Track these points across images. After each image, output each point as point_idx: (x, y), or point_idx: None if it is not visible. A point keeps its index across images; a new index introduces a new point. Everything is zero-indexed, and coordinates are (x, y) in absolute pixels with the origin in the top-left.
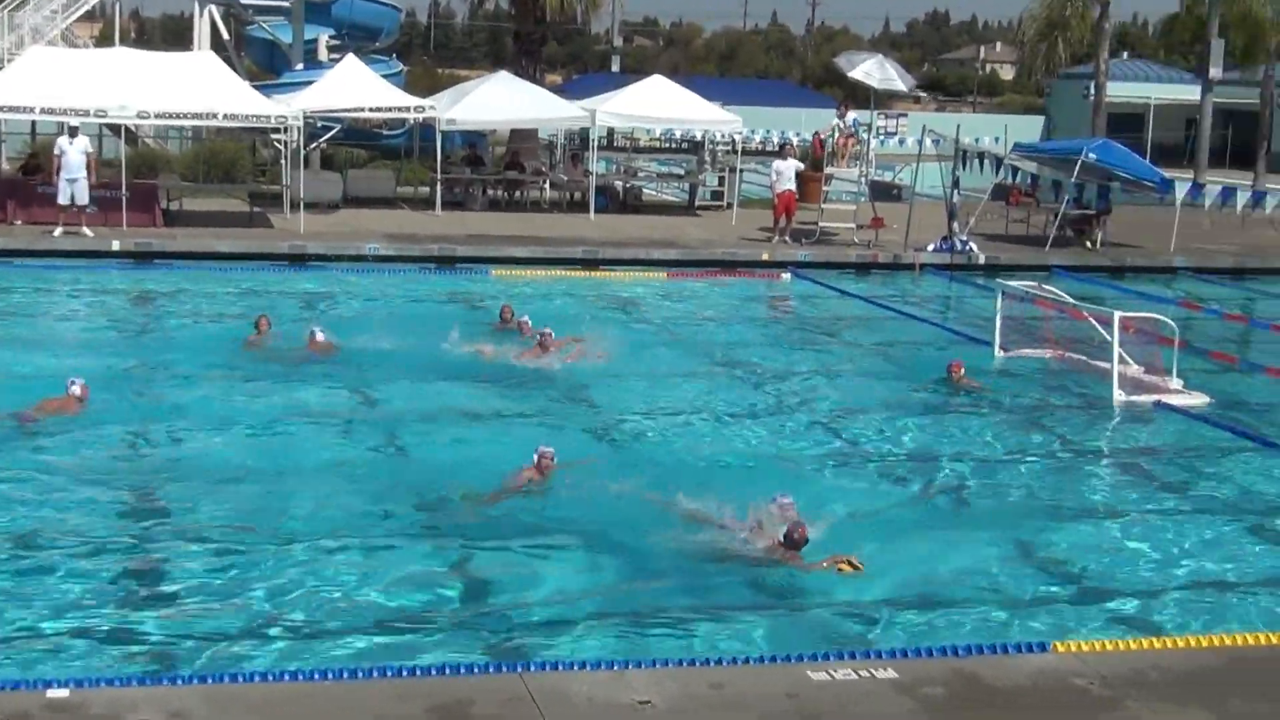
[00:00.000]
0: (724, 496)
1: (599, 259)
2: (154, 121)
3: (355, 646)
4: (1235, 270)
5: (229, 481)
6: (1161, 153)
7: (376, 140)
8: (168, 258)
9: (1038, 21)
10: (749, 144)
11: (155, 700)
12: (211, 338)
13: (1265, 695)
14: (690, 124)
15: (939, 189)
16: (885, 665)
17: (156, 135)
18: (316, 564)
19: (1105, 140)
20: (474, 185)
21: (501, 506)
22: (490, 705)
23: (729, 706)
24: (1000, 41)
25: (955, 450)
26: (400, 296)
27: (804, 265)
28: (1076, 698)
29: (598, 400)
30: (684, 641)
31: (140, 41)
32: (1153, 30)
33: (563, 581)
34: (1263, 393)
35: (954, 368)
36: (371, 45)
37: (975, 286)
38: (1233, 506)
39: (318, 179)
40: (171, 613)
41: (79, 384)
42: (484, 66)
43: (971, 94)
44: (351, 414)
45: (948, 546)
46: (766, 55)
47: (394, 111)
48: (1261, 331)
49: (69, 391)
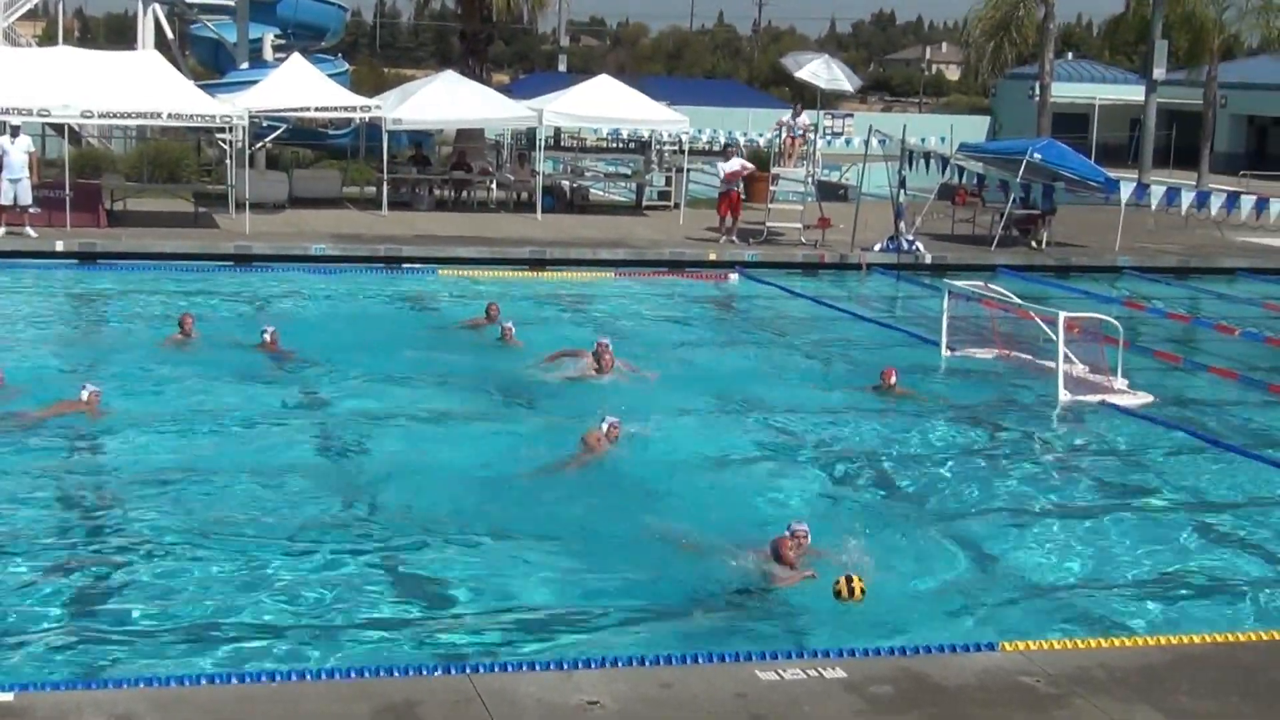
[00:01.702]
0: (668, 498)
1: (546, 259)
2: (98, 121)
3: (302, 648)
4: (1179, 270)
5: (173, 483)
6: (1106, 153)
7: (322, 140)
8: (112, 258)
9: (984, 22)
10: (696, 144)
11: (100, 704)
12: (148, 339)
13: (1211, 693)
14: (637, 124)
15: (885, 189)
16: (834, 665)
17: (100, 135)
18: (263, 566)
19: (1050, 140)
20: (420, 185)
21: (447, 507)
22: (438, 706)
23: (678, 706)
24: (946, 42)
25: (902, 450)
26: (348, 297)
27: (751, 265)
28: (1023, 696)
29: (538, 402)
30: (633, 641)
31: (84, 40)
32: (1097, 31)
33: (511, 582)
34: (1206, 391)
35: (886, 375)
36: (317, 44)
37: (922, 286)
38: (1178, 505)
39: (263, 179)
40: (116, 616)
41: (90, 389)
42: (430, 66)
43: (917, 94)
44: (296, 415)
45: (895, 547)
46: (713, 55)
47: (340, 111)
48: (1205, 331)
49: (82, 396)
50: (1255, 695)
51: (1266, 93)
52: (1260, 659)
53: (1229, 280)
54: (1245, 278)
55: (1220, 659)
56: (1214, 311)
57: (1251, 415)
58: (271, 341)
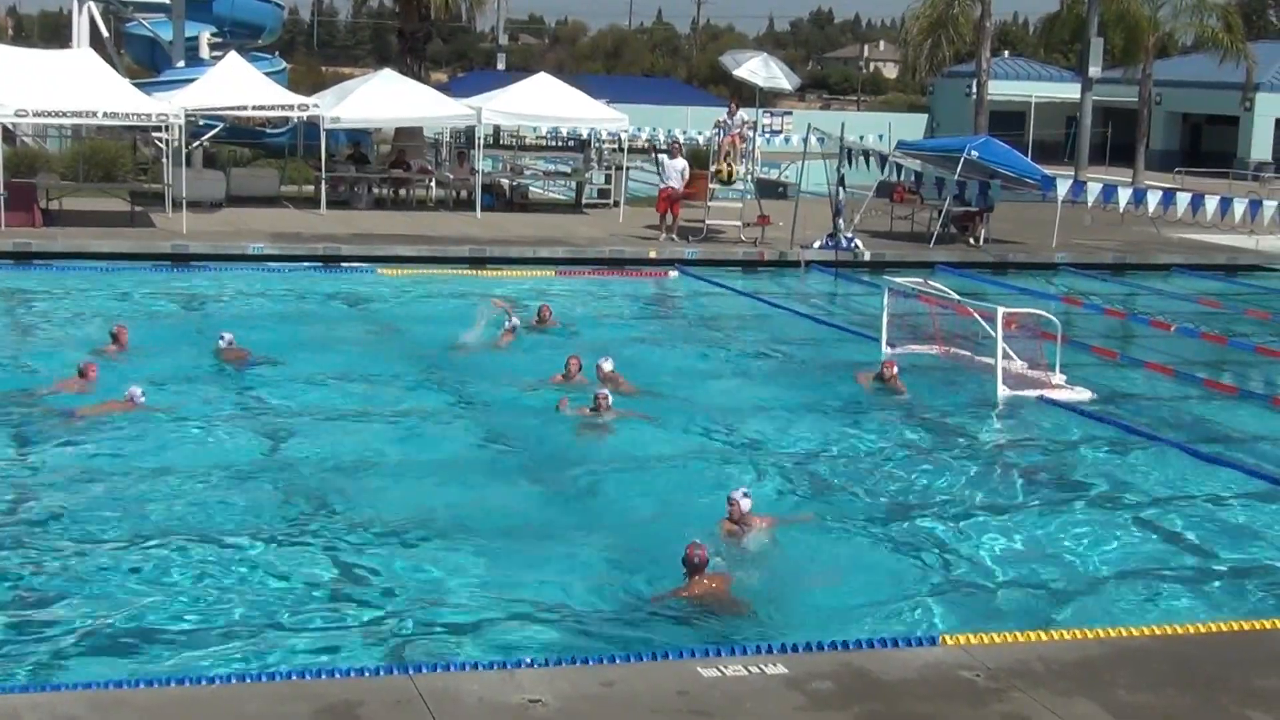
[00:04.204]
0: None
1: (486, 257)
2: (32, 120)
3: (243, 649)
4: (1116, 266)
5: (114, 484)
6: (1043, 150)
7: (260, 138)
8: (47, 258)
9: (921, 20)
10: (635, 142)
11: (40, 707)
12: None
13: (1149, 685)
14: (577, 122)
15: (824, 186)
16: (775, 661)
17: (35, 134)
18: (203, 567)
19: (988, 138)
20: (359, 184)
21: (390, 505)
22: (380, 706)
23: (620, 704)
24: (884, 40)
25: (841, 446)
26: (287, 296)
27: (691, 263)
28: (964, 690)
29: (478, 396)
30: (574, 640)
31: (18, 38)
32: (1033, 29)
33: (451, 581)
34: (1143, 386)
35: (886, 366)
36: (254, 42)
37: (861, 283)
38: (1115, 499)
39: (200, 178)
40: (54, 619)
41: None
42: (368, 64)
43: (856, 92)
44: (238, 416)
45: (835, 542)
46: (652, 53)
47: (277, 110)
48: (1141, 326)
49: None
50: (1193, 688)
51: (1201, 90)
52: (1198, 651)
53: (1165, 276)
54: (1180, 274)
55: (1158, 651)
56: (1150, 307)
57: (1187, 410)
58: (228, 347)
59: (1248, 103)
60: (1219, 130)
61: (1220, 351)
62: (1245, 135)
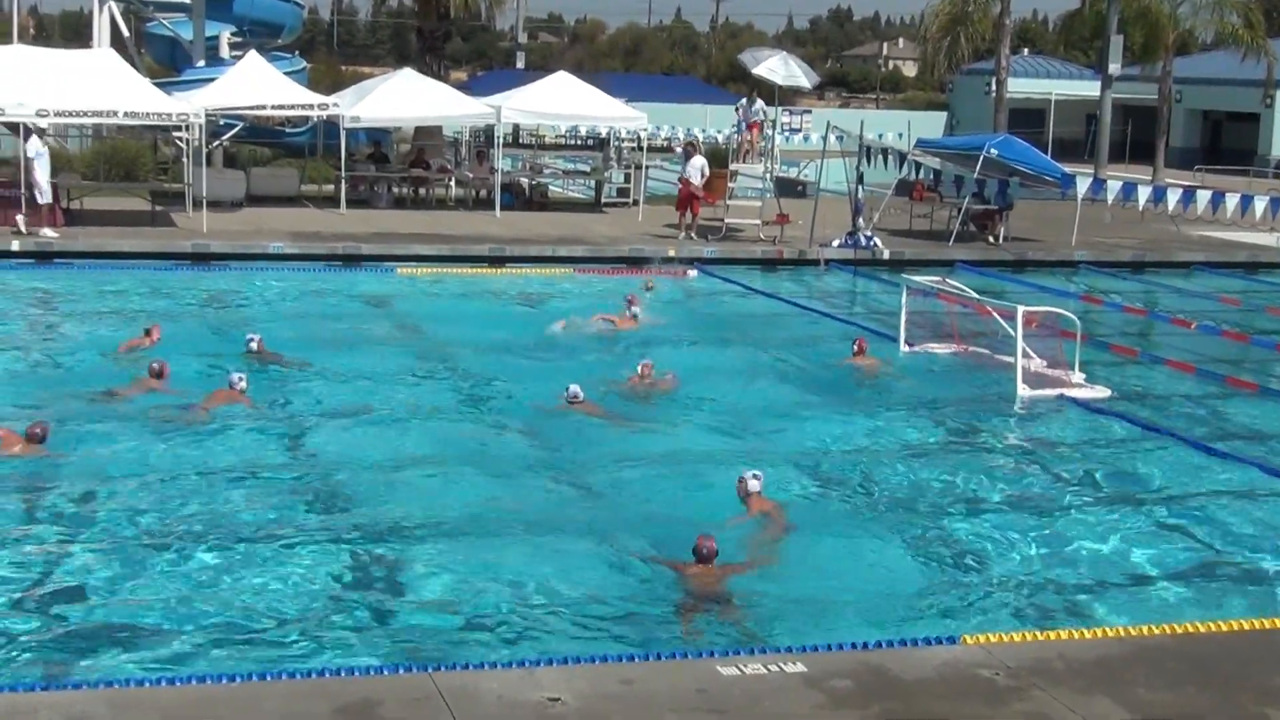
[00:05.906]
0: (627, 493)
1: (505, 256)
2: (54, 120)
3: (262, 648)
4: (1135, 264)
5: (134, 485)
6: (1062, 148)
7: (280, 138)
8: (69, 258)
9: (940, 18)
10: (654, 140)
11: (58, 705)
12: (108, 340)
13: (1169, 684)
14: (596, 120)
15: (843, 185)
16: (794, 659)
17: (56, 134)
18: (223, 567)
19: (1007, 136)
20: (379, 183)
21: (406, 504)
22: (399, 705)
23: (639, 702)
24: (903, 38)
25: (861, 445)
26: (306, 295)
27: (710, 261)
28: (983, 688)
29: (496, 395)
30: (594, 639)
31: (39, 38)
32: (1053, 26)
33: (472, 581)
34: (1163, 385)
35: (858, 343)
36: (274, 42)
37: (880, 282)
38: (1134, 498)
39: (220, 177)
40: (74, 617)
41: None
42: (388, 63)
43: (875, 90)
44: (262, 417)
45: (855, 542)
46: (671, 52)
47: (297, 109)
48: (1162, 324)
49: (232, 385)
50: (1212, 686)
51: (1221, 88)
52: (1217, 650)
53: (1185, 274)
54: (1201, 272)
55: (1178, 650)
56: (1170, 305)
57: (1208, 408)
58: (259, 349)
59: (1268, 100)
60: (1239, 127)
61: (1242, 349)
62: (1266, 132)
